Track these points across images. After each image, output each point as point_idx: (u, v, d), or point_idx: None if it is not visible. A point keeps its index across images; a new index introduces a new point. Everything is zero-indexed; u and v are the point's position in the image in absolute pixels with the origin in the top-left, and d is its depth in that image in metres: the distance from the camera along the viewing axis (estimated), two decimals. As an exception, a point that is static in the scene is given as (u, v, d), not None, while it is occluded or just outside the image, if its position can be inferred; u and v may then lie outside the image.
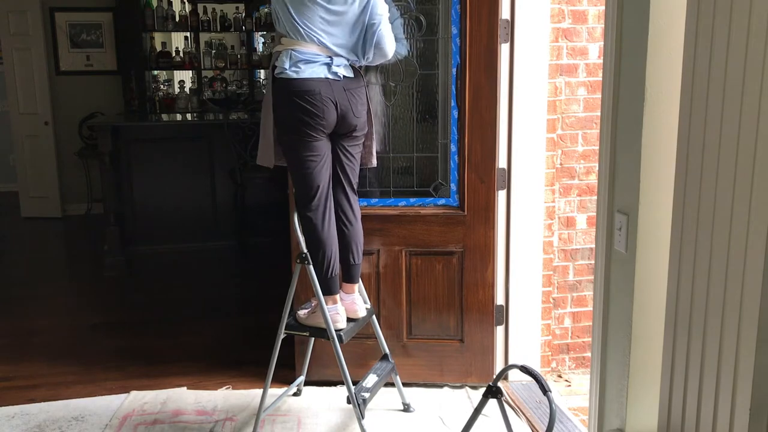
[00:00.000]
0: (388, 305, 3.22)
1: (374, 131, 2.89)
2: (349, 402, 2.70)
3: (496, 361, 3.23)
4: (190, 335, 3.99)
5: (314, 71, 2.61)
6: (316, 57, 2.61)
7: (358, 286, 2.94)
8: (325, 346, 3.28)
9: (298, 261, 2.76)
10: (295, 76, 2.60)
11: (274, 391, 3.23)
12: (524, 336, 3.28)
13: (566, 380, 3.47)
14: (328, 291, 2.76)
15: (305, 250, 2.74)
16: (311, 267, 2.73)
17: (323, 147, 2.69)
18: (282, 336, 2.81)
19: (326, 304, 2.74)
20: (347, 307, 2.86)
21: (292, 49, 2.61)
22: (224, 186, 5.60)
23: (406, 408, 3.05)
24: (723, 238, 1.51)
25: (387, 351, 3.00)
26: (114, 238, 5.13)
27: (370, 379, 2.81)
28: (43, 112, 6.65)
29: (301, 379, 3.18)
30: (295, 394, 3.20)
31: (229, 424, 2.98)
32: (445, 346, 3.23)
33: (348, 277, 2.90)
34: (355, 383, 2.73)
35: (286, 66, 2.61)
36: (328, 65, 2.62)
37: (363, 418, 2.67)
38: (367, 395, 2.71)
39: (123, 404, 3.15)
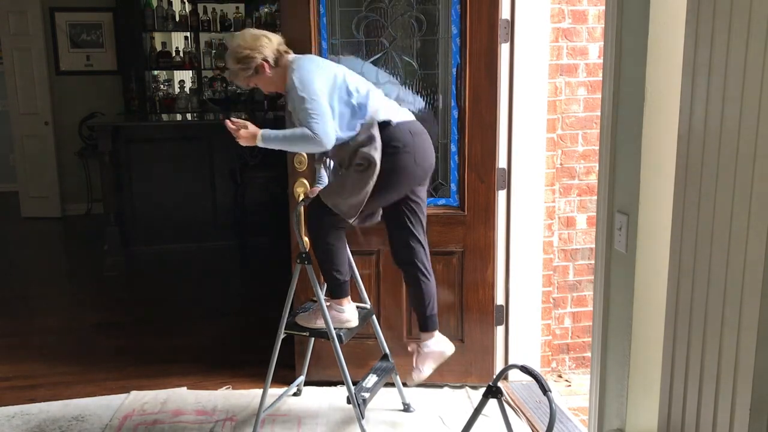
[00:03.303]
0: (388, 305, 3.22)
1: None
2: (349, 402, 2.70)
3: (496, 361, 3.23)
4: (190, 335, 3.99)
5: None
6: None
7: (361, 288, 2.95)
8: (325, 346, 3.28)
9: (298, 261, 2.76)
10: None
11: (274, 391, 3.23)
12: (524, 336, 3.28)
13: (566, 380, 3.47)
14: (343, 294, 2.79)
15: (305, 250, 2.74)
16: (311, 267, 2.73)
17: None
18: (282, 336, 2.81)
19: (341, 305, 2.76)
20: (434, 354, 2.84)
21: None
22: (224, 186, 5.60)
23: (407, 408, 3.05)
24: (723, 238, 1.51)
25: (387, 351, 3.00)
26: (114, 238, 5.14)
27: (370, 379, 2.81)
28: (43, 112, 6.65)
29: (301, 379, 3.19)
30: (295, 394, 3.20)
31: (229, 424, 2.98)
32: (445, 346, 3.23)
33: (427, 326, 2.87)
34: (355, 383, 2.73)
35: None
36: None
37: (363, 418, 2.67)
38: (367, 395, 2.72)
39: (123, 404, 3.15)
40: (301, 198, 2.96)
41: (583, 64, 3.29)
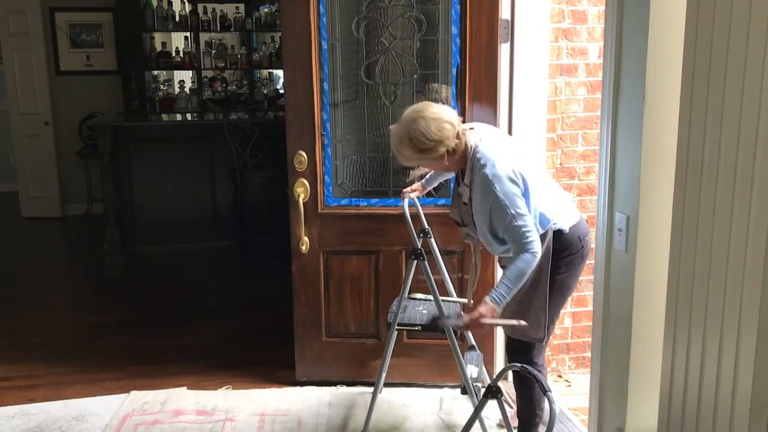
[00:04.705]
0: (388, 305, 3.21)
1: None
2: (464, 392, 2.69)
3: (496, 361, 3.23)
4: (190, 335, 3.99)
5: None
6: None
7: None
8: (325, 346, 3.28)
9: (412, 257, 2.71)
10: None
11: (274, 391, 3.23)
12: (524, 336, 3.27)
13: (566, 380, 3.47)
14: None
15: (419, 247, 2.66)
16: (425, 263, 2.66)
17: None
18: (395, 332, 2.77)
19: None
20: None
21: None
22: (224, 186, 5.60)
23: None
24: (723, 238, 1.51)
25: (474, 343, 2.94)
26: (114, 238, 5.13)
27: (472, 370, 2.74)
28: (43, 112, 6.64)
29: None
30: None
31: (229, 424, 2.98)
32: (445, 346, 3.22)
33: None
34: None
35: None
36: None
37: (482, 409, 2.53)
38: (479, 384, 2.66)
39: (123, 404, 3.15)
40: (301, 197, 2.93)
41: (583, 64, 3.28)
